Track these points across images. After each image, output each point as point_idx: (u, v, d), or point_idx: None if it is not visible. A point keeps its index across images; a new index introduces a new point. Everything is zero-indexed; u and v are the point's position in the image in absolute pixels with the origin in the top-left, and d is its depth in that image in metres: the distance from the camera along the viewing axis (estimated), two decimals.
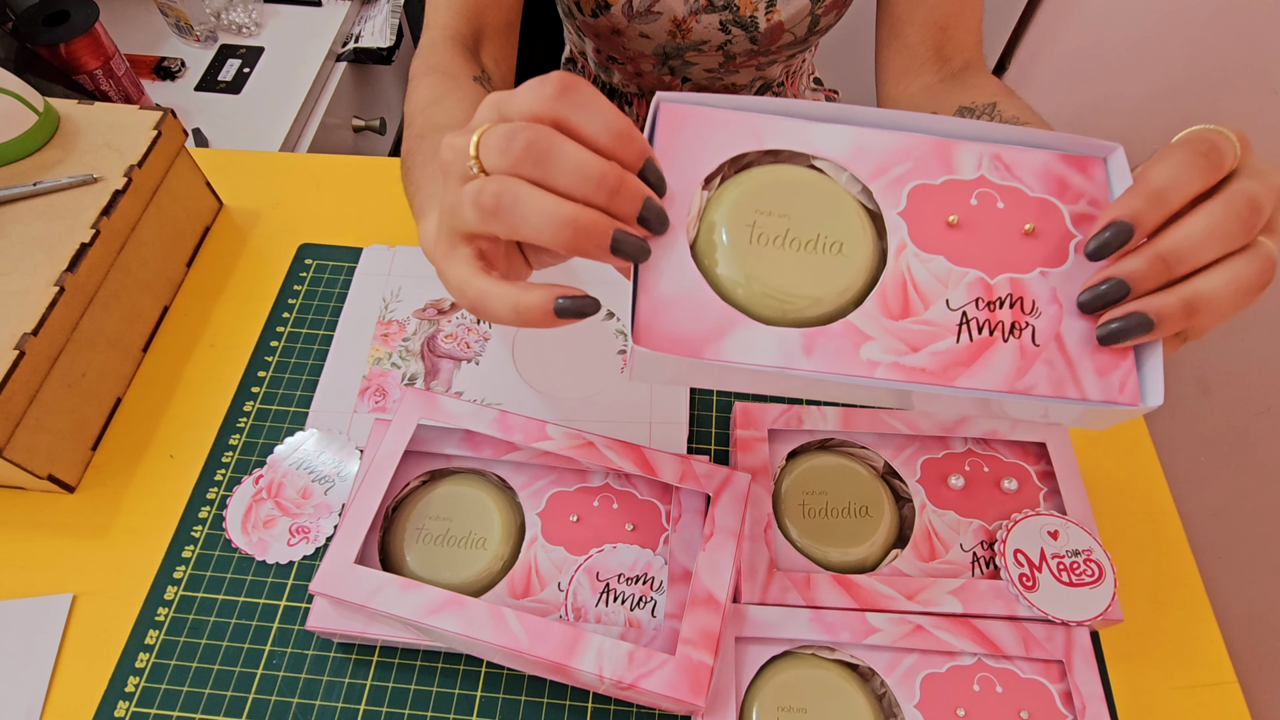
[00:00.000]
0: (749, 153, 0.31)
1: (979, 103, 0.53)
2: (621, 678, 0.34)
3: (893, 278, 0.30)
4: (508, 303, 0.27)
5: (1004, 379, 0.28)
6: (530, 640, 0.35)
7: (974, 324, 0.29)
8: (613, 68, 0.72)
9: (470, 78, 0.51)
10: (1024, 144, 0.32)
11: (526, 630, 0.36)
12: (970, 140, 0.32)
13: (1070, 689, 0.38)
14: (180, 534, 0.45)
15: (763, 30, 0.63)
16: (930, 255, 0.30)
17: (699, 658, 0.35)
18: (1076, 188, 0.31)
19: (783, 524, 0.43)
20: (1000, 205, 0.31)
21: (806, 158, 0.32)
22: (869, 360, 0.29)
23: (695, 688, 0.34)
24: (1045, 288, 0.30)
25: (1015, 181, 0.31)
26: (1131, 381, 0.28)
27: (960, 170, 0.31)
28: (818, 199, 0.31)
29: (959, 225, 0.30)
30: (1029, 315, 0.29)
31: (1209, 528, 0.79)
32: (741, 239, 0.30)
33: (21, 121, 0.49)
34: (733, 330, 0.29)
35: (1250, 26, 0.80)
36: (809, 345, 0.29)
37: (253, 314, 0.54)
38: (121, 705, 0.40)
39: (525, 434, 0.41)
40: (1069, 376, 0.29)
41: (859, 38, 1.23)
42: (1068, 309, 0.29)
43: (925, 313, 0.29)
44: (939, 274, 0.30)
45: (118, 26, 1.09)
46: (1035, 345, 0.29)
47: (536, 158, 0.26)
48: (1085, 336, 0.29)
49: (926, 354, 0.29)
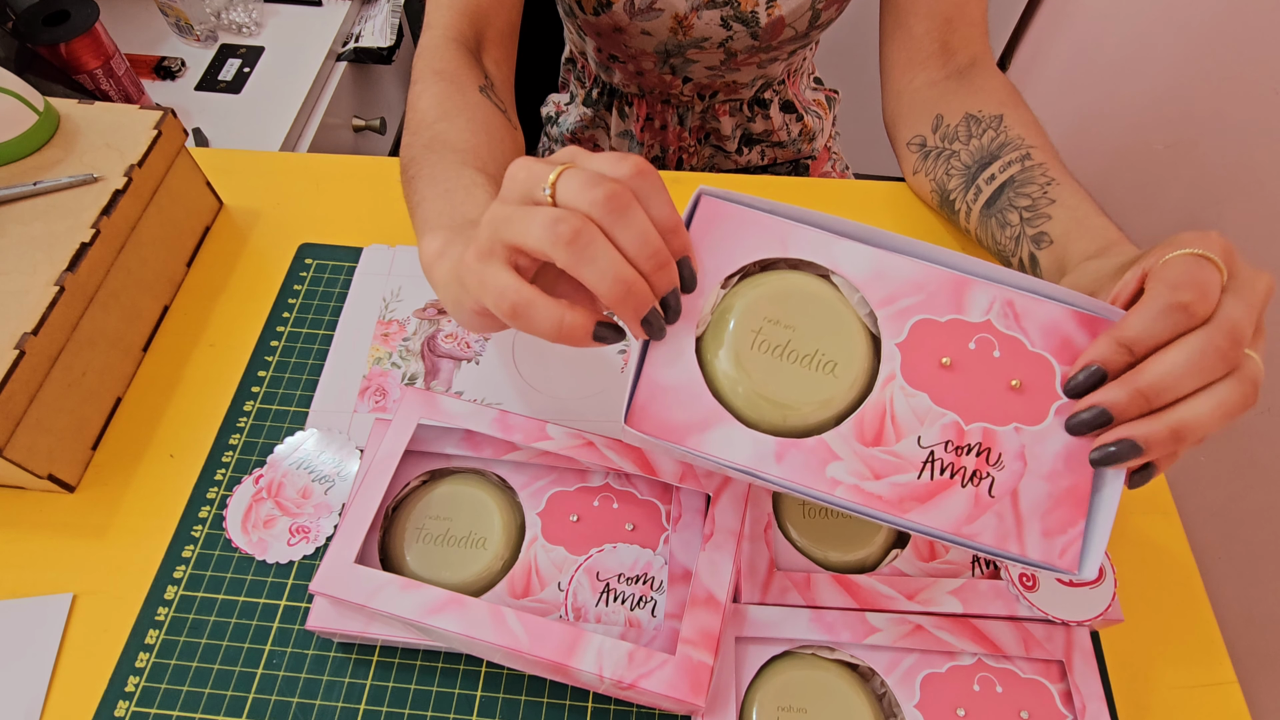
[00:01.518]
0: (772, 258, 0.33)
1: (986, 113, 0.53)
2: (621, 677, 0.34)
3: (874, 406, 0.31)
4: (553, 317, 0.29)
5: (952, 521, 0.30)
6: (530, 640, 0.35)
7: (938, 464, 0.30)
8: (613, 66, 0.72)
9: (476, 88, 0.51)
10: (1041, 295, 0.32)
11: (527, 630, 0.36)
12: (989, 281, 0.32)
13: (1070, 689, 0.38)
14: (180, 534, 0.45)
15: (764, 25, 0.62)
16: (915, 391, 0.31)
17: (699, 658, 0.35)
18: (1078, 348, 0.32)
19: (783, 524, 0.43)
20: (996, 354, 0.32)
21: (826, 271, 0.33)
22: (832, 479, 0.30)
23: (695, 688, 0.34)
24: (1015, 443, 0.31)
25: (1019, 332, 0.32)
26: (1073, 550, 0.30)
27: (969, 311, 0.32)
28: (824, 315, 0.32)
29: (951, 367, 0.31)
30: (992, 466, 0.30)
31: (1209, 528, 0.79)
32: (745, 342, 0.31)
33: (21, 121, 0.49)
34: (716, 425, 0.31)
35: (1250, 26, 0.80)
36: (781, 454, 0.30)
37: (253, 314, 0.54)
38: (121, 705, 0.40)
39: (525, 434, 0.41)
40: (1014, 532, 0.30)
41: (860, 37, 1.23)
42: (1031, 469, 0.30)
43: (896, 444, 0.31)
44: (918, 410, 0.31)
45: (118, 26, 1.09)
46: (991, 496, 0.30)
47: (614, 211, 0.28)
48: (1042, 499, 0.30)
49: (887, 483, 0.30)
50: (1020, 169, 0.50)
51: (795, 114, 0.78)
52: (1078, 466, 0.31)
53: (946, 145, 0.55)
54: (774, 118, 0.76)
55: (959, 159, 0.53)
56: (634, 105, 0.76)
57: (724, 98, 0.73)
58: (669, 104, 0.75)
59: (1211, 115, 0.85)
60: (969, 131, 0.53)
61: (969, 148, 0.53)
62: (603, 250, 0.28)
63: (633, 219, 0.28)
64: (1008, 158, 0.50)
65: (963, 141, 0.53)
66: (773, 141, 0.79)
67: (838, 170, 0.86)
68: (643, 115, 0.76)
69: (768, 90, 0.74)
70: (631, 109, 0.76)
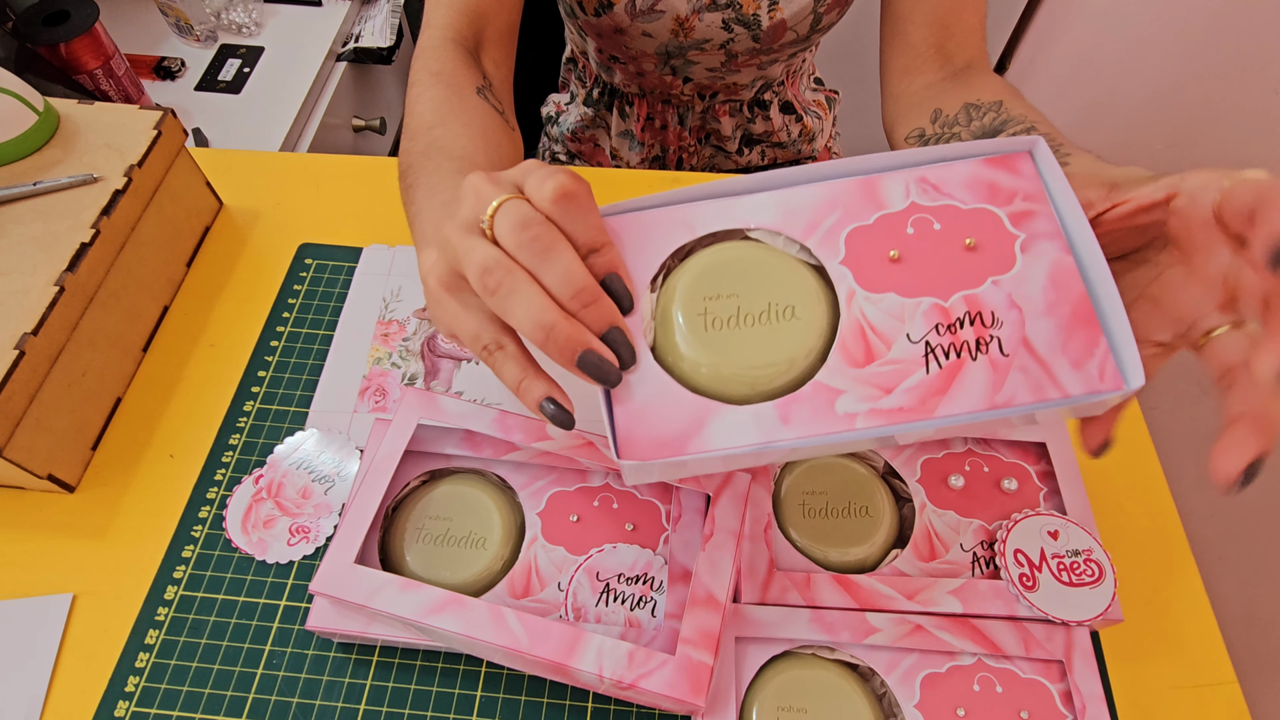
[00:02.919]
0: (687, 243, 0.32)
1: (985, 100, 0.53)
2: (621, 678, 0.34)
3: (849, 326, 0.30)
4: (515, 375, 0.30)
5: (982, 397, 0.28)
6: (530, 640, 0.35)
7: (939, 351, 0.29)
8: (614, 67, 0.72)
9: (474, 89, 0.51)
10: (945, 159, 0.32)
11: (526, 630, 0.36)
12: (892, 171, 0.32)
13: (1070, 689, 0.38)
14: (180, 534, 0.45)
15: (765, 28, 0.63)
16: (880, 295, 0.30)
17: (699, 658, 0.35)
18: (1008, 188, 0.31)
19: (783, 524, 0.43)
20: (937, 226, 0.31)
21: (741, 232, 0.32)
22: (846, 414, 0.29)
23: (695, 688, 0.34)
24: (1001, 296, 0.30)
25: (946, 199, 0.31)
26: (1110, 367, 0.28)
27: (890, 203, 0.31)
28: (759, 269, 0.31)
29: (901, 258, 0.30)
30: (991, 328, 0.29)
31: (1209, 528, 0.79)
32: (697, 329, 0.30)
33: (21, 121, 0.49)
34: (710, 419, 0.29)
35: (1250, 26, 0.80)
36: (785, 415, 0.29)
37: (253, 314, 0.54)
38: (121, 705, 0.40)
39: (525, 434, 0.41)
40: (1046, 378, 0.28)
41: (860, 38, 1.23)
42: (1028, 311, 0.29)
43: (889, 353, 0.29)
44: (893, 311, 0.30)
45: (118, 26, 1.09)
46: (1004, 355, 0.29)
47: (537, 253, 0.28)
48: (1053, 334, 0.29)
49: (900, 392, 0.29)
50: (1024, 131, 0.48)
51: (795, 115, 0.78)
52: (1069, 288, 0.29)
53: (946, 130, 0.55)
54: (774, 119, 0.76)
55: (960, 139, 0.53)
56: (634, 105, 0.76)
57: (724, 98, 0.73)
58: (669, 104, 0.75)
59: (1211, 115, 0.85)
60: (969, 117, 0.53)
61: (970, 129, 0.52)
62: (522, 298, 0.28)
63: (555, 260, 0.28)
64: (1012, 131, 0.49)
65: (963, 124, 0.53)
66: (773, 142, 0.79)
67: None
68: (643, 115, 0.76)
69: (767, 91, 0.74)
70: (632, 109, 0.76)
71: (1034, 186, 0.31)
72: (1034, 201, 0.30)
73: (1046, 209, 0.30)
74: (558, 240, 0.29)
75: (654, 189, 0.62)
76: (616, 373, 0.29)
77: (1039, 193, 0.30)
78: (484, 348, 0.31)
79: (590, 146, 0.82)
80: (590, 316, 0.29)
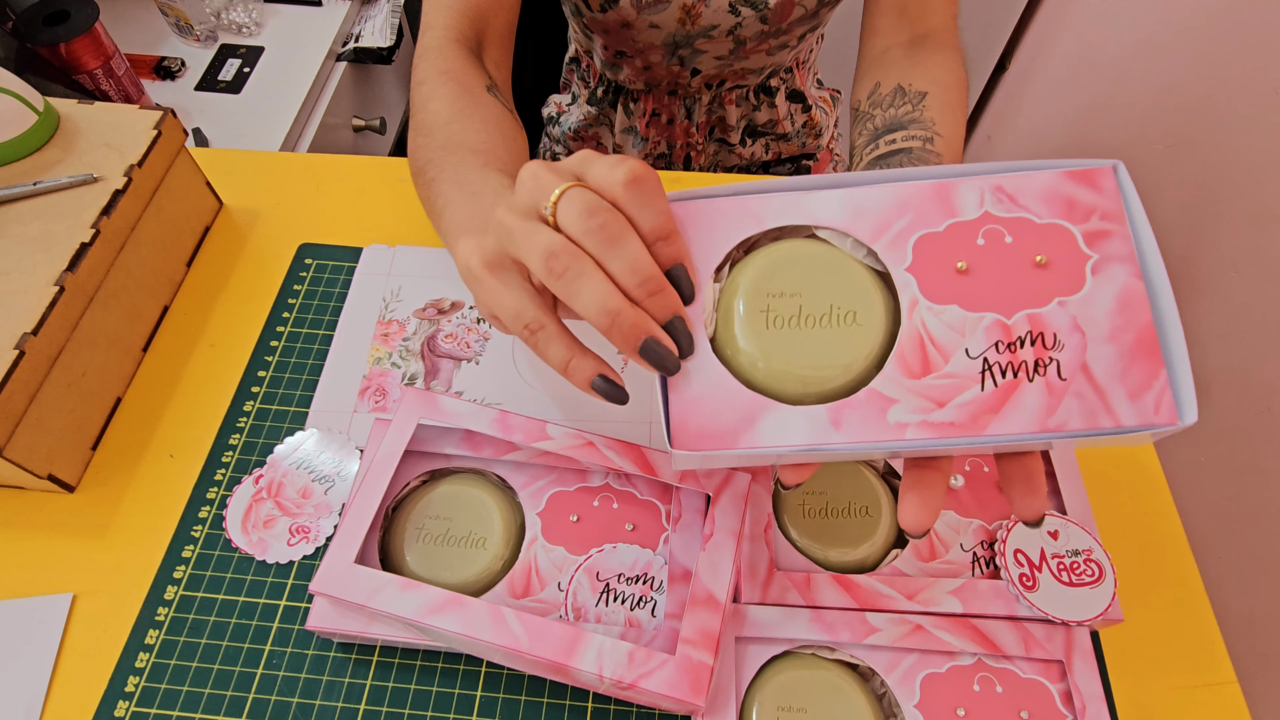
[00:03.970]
0: (753, 235, 0.32)
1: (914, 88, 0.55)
2: (621, 678, 0.34)
3: (909, 336, 0.29)
4: (562, 355, 0.31)
5: (1034, 420, 0.28)
6: (530, 640, 0.35)
7: (996, 369, 0.29)
8: (621, 63, 0.72)
9: (484, 88, 0.52)
10: (1024, 170, 0.31)
11: (526, 630, 0.36)
12: (967, 177, 0.31)
13: (1070, 689, 0.38)
14: (180, 534, 0.45)
15: (773, 7, 0.62)
16: (943, 306, 0.30)
17: (699, 658, 0.35)
18: (1086, 204, 0.30)
19: (783, 524, 0.43)
20: (1008, 240, 0.30)
21: (808, 229, 0.32)
22: (897, 423, 0.29)
23: (695, 687, 0.34)
24: (1065, 317, 0.29)
25: (1021, 211, 0.30)
26: (1166, 400, 0.28)
27: (963, 210, 0.30)
28: (824, 271, 0.31)
29: (969, 270, 0.30)
30: (1052, 350, 0.29)
31: (1209, 528, 0.79)
32: (758, 325, 0.30)
33: (21, 121, 0.49)
34: (763, 416, 0.29)
35: (1250, 26, 0.80)
36: (836, 419, 0.29)
37: (253, 314, 0.54)
38: (121, 705, 0.40)
39: (525, 434, 0.41)
40: (1101, 406, 0.28)
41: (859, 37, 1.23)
42: (1091, 336, 0.28)
43: (946, 366, 0.29)
44: (954, 324, 0.29)
45: (118, 26, 1.09)
46: (1062, 379, 0.28)
47: (605, 240, 0.29)
48: (1114, 362, 0.28)
49: (953, 407, 0.28)
50: (919, 145, 0.51)
51: (802, 104, 0.78)
52: (1136, 315, 0.28)
53: (869, 110, 0.57)
54: (779, 106, 0.76)
55: (873, 123, 0.56)
56: (640, 102, 0.76)
57: (731, 84, 0.73)
58: (675, 96, 0.75)
59: (1212, 115, 0.85)
60: (891, 101, 0.55)
61: (885, 114, 0.55)
62: (589, 283, 0.29)
63: (623, 248, 0.29)
64: (912, 132, 0.52)
65: (882, 109, 0.56)
66: (777, 134, 0.79)
67: (839, 170, 0.86)
68: (649, 111, 0.76)
69: (774, 78, 0.74)
70: (637, 105, 0.76)
71: (1113, 205, 0.30)
72: (1111, 221, 0.30)
73: (1123, 230, 0.29)
74: (625, 228, 0.29)
75: None
76: (676, 361, 0.30)
77: (1118, 212, 0.30)
78: (526, 326, 0.31)
79: (593, 145, 0.82)
80: (654, 305, 0.29)
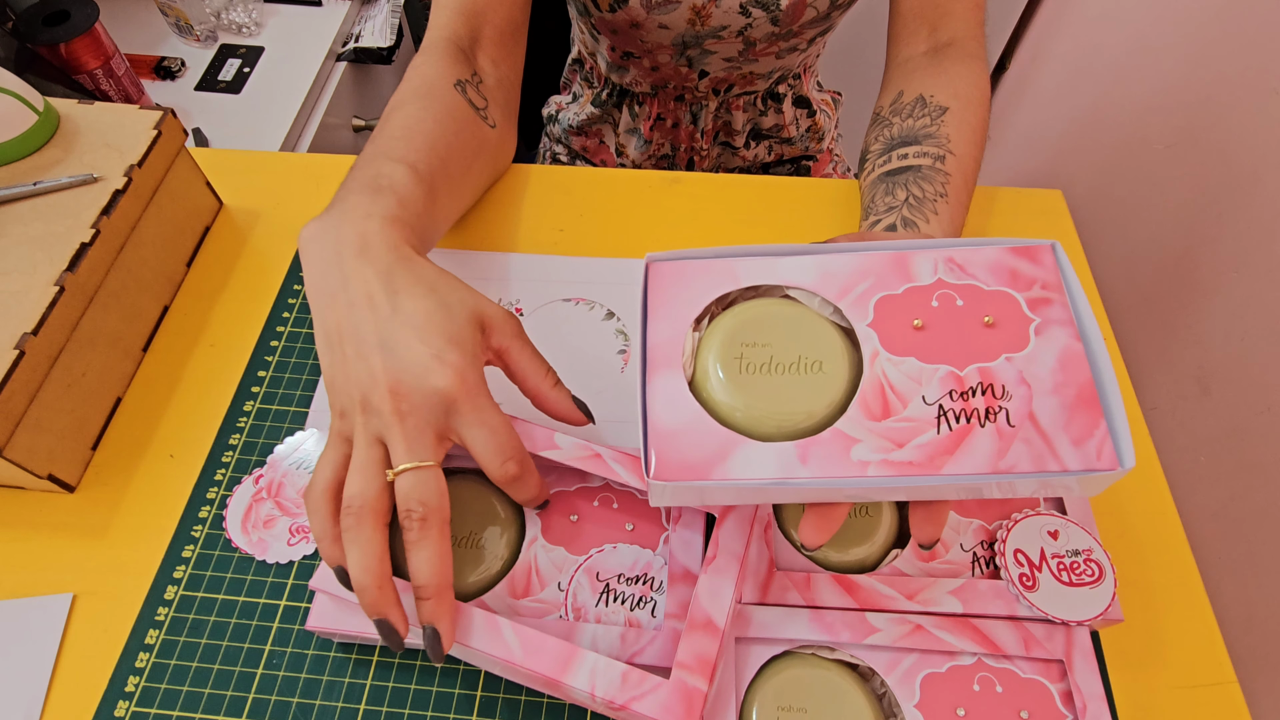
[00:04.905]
0: (731, 291, 0.35)
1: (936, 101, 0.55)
2: (613, 699, 0.34)
3: (870, 384, 0.33)
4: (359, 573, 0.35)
5: (987, 461, 0.31)
6: (525, 653, 0.35)
7: (951, 414, 0.32)
8: (627, 64, 0.71)
9: (449, 84, 0.51)
10: (973, 245, 0.35)
11: (522, 642, 0.35)
12: (923, 250, 0.35)
13: (1070, 689, 0.38)
14: (180, 534, 0.45)
15: (784, 8, 0.62)
16: (901, 358, 0.33)
17: (694, 683, 0.34)
18: (1028, 275, 0.34)
19: (783, 524, 0.43)
20: (960, 303, 0.34)
21: (781, 289, 0.35)
22: (860, 460, 0.31)
23: (689, 712, 0.34)
24: (1012, 372, 0.32)
25: (971, 279, 0.34)
26: (1107, 448, 0.30)
27: (918, 277, 0.34)
28: (794, 326, 0.34)
29: (924, 327, 0.33)
30: (1001, 399, 0.32)
31: (1209, 528, 0.79)
32: (732, 370, 0.33)
33: (21, 121, 0.49)
34: (734, 451, 0.32)
35: (1250, 26, 0.80)
36: (804, 455, 0.31)
37: (253, 314, 0.54)
38: (121, 705, 0.40)
39: (528, 441, 0.41)
40: (1047, 451, 0.31)
41: (860, 40, 1.24)
42: (1037, 389, 0.32)
43: (904, 410, 0.32)
44: (912, 374, 0.32)
45: (118, 26, 1.09)
46: (1011, 426, 0.31)
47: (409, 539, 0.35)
48: (1057, 412, 0.31)
49: (912, 448, 0.31)
50: (929, 164, 0.51)
51: (808, 109, 0.77)
52: (1076, 372, 0.32)
53: (889, 117, 0.57)
54: (786, 112, 0.76)
55: (890, 130, 0.56)
56: (644, 105, 0.75)
57: (739, 90, 0.73)
58: (682, 101, 0.74)
59: (1212, 115, 0.85)
60: (911, 111, 0.55)
61: (903, 124, 0.55)
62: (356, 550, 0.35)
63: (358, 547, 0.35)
64: (925, 148, 0.52)
65: (900, 118, 0.56)
66: (782, 138, 0.78)
67: (839, 171, 0.86)
68: (654, 114, 0.76)
69: (782, 84, 0.74)
70: (642, 108, 0.76)
71: (1052, 277, 0.34)
72: (1051, 290, 0.33)
73: (1062, 298, 0.33)
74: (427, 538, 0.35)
75: (655, 188, 0.62)
76: (400, 644, 0.35)
77: (1057, 284, 0.33)
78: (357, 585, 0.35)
79: (595, 142, 0.82)
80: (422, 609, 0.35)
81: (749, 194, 0.62)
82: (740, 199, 0.61)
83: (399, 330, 0.36)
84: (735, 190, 0.62)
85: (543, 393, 0.40)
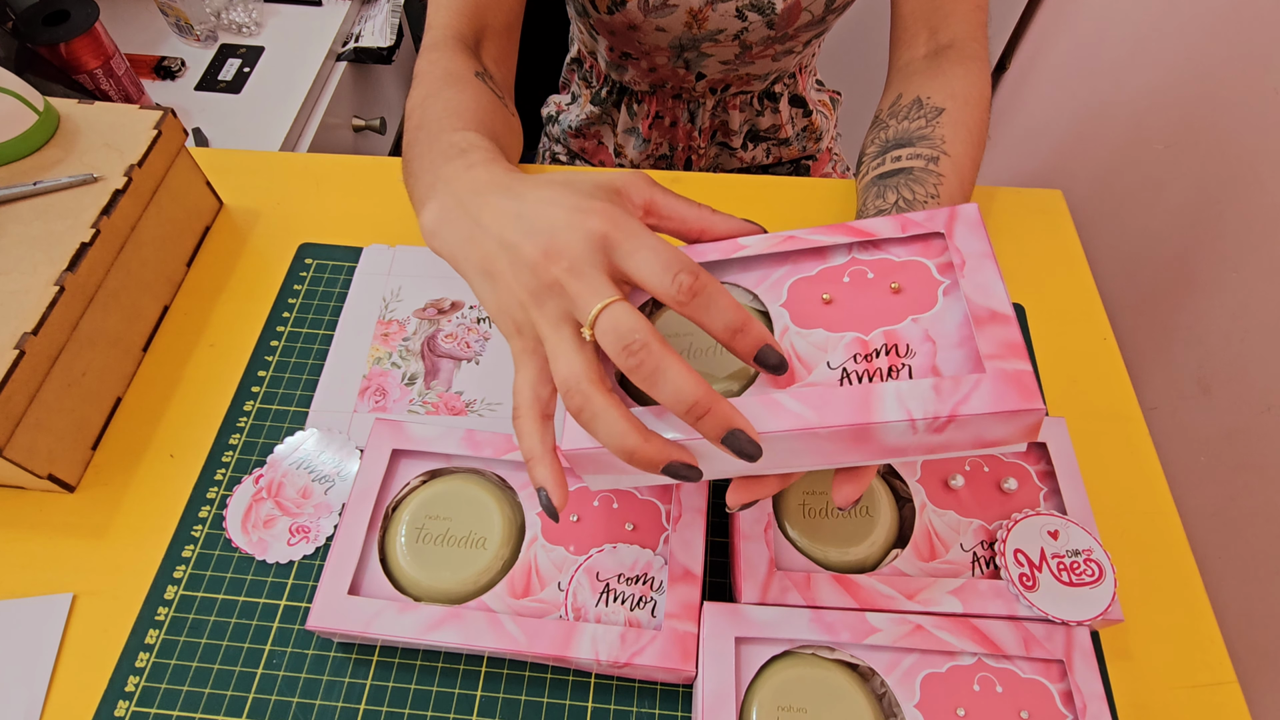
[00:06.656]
0: None
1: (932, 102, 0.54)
2: (616, 658, 0.37)
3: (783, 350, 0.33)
4: (620, 441, 0.31)
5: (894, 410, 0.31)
6: (529, 640, 0.37)
7: (853, 376, 0.33)
8: (626, 64, 0.71)
9: (472, 74, 0.51)
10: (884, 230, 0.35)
11: (524, 631, 0.37)
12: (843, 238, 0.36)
13: (1070, 689, 0.38)
14: (180, 534, 0.45)
15: (780, 12, 0.62)
16: (809, 330, 0.34)
17: (684, 628, 0.38)
18: (938, 245, 0.35)
19: (783, 524, 0.43)
20: (870, 275, 0.35)
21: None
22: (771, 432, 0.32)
23: (686, 656, 0.37)
24: (918, 331, 0.33)
25: (883, 254, 0.35)
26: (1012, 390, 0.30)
27: (833, 259, 0.36)
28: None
29: (833, 301, 0.35)
30: (904, 357, 0.33)
31: (1209, 528, 0.79)
32: None
33: (21, 121, 0.49)
34: None
35: (1250, 26, 0.80)
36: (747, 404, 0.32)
37: (253, 314, 0.54)
38: (121, 705, 0.40)
39: (494, 449, 0.44)
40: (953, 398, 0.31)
41: (860, 40, 1.24)
42: (941, 344, 0.32)
43: (809, 376, 0.33)
44: (818, 343, 0.34)
45: (118, 26, 1.09)
46: (911, 379, 0.32)
47: (644, 377, 0.30)
48: (962, 363, 0.32)
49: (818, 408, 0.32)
50: (922, 165, 0.51)
51: (804, 109, 0.77)
52: None
53: (886, 120, 0.57)
54: (782, 112, 0.76)
55: (886, 133, 0.56)
56: (643, 103, 0.75)
57: (736, 90, 0.73)
58: (680, 100, 0.74)
59: (1212, 115, 0.85)
60: (907, 113, 0.55)
61: (898, 126, 0.55)
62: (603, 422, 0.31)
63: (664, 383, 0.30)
64: (919, 149, 0.52)
65: (897, 120, 0.55)
66: (779, 139, 0.79)
67: (838, 171, 0.86)
68: (652, 113, 0.76)
69: (779, 84, 0.74)
70: (641, 106, 0.76)
71: (963, 244, 0.34)
72: (959, 254, 0.34)
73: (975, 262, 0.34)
74: (664, 361, 0.30)
75: None
76: (697, 478, 0.32)
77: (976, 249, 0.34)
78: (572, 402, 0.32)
79: (594, 144, 0.82)
80: (706, 426, 0.30)
81: (748, 193, 0.62)
82: (739, 198, 0.61)
83: (534, 210, 0.34)
84: (734, 190, 0.62)
85: (708, 221, 0.38)
